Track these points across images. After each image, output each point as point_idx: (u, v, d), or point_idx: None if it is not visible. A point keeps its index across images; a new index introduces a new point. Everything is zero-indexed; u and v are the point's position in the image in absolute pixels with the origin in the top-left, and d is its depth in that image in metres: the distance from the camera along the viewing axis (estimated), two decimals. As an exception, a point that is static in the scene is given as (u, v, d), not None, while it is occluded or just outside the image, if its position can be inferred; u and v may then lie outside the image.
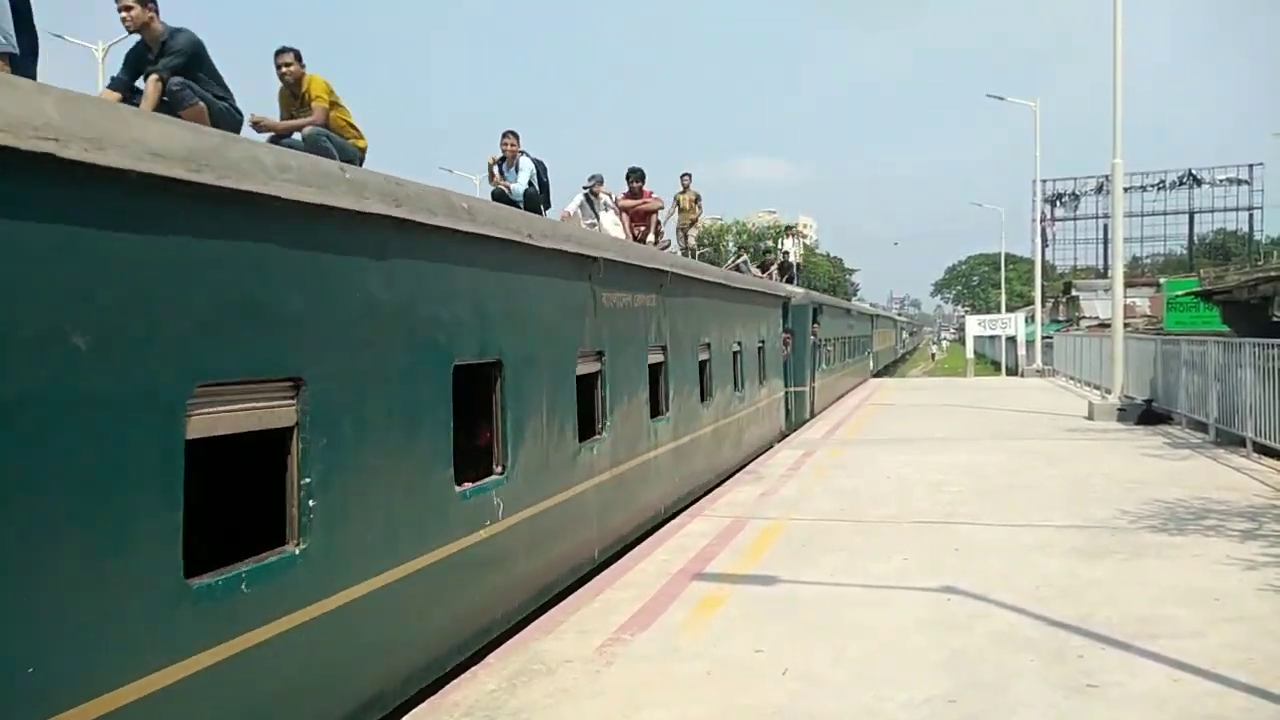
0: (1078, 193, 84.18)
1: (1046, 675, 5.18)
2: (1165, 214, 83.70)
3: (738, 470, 12.99)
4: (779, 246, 26.95)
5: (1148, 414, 17.31)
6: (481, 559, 5.83)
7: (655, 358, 9.90)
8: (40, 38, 5.62)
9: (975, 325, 52.18)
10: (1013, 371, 44.34)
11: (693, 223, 16.01)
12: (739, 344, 14.10)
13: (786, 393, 18.51)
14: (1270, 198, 80.00)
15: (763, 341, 16.15)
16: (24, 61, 5.34)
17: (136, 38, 6.25)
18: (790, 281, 22.51)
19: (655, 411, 9.86)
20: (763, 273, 21.66)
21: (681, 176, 16.03)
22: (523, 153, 10.64)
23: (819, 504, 10.25)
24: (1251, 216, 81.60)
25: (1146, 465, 12.36)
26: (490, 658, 5.70)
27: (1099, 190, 79.12)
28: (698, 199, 16.00)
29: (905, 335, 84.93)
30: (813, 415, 20.31)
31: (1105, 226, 71.77)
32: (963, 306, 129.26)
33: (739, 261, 20.74)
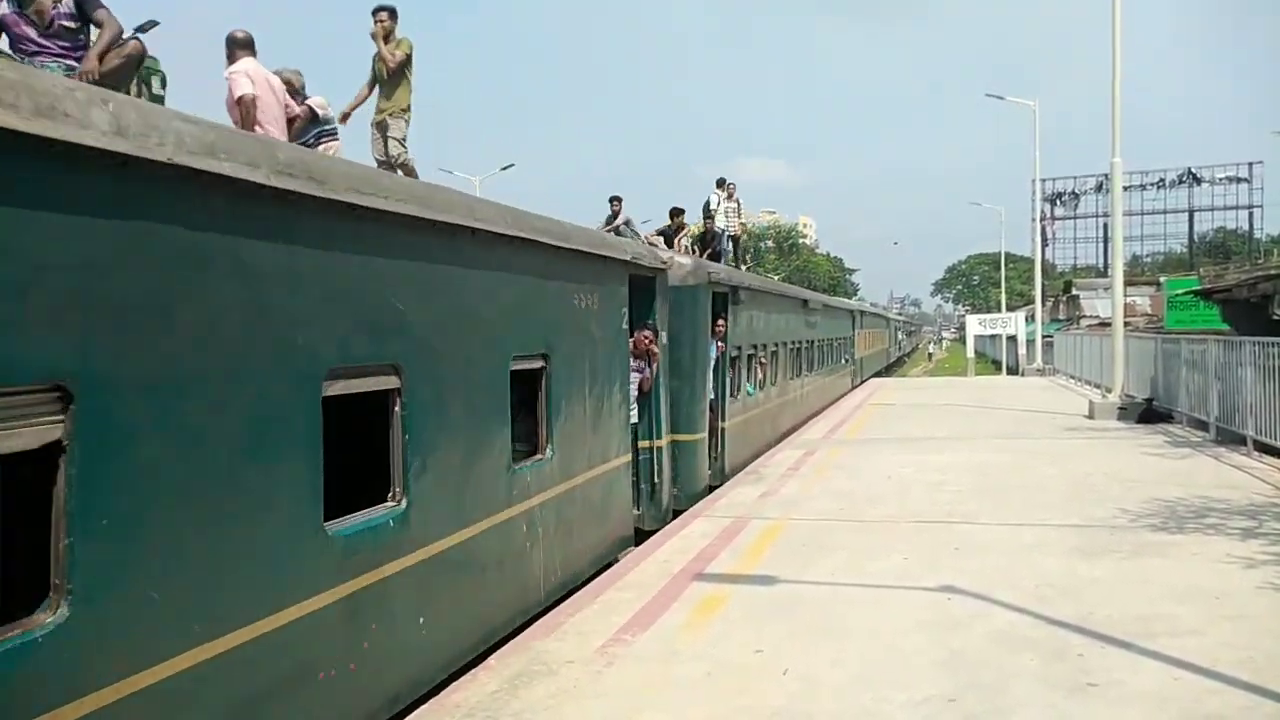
0: (1077, 192, 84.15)
1: (1046, 675, 5.19)
2: (1165, 213, 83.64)
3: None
4: (708, 210, 17.46)
5: (1148, 413, 17.31)
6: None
7: None
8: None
9: (975, 325, 52.12)
10: (1013, 371, 44.34)
11: (390, 76, 8.30)
12: (418, 372, 5.39)
13: (650, 450, 9.71)
14: (1270, 196, 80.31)
15: (543, 356, 7.12)
16: None
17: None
18: (717, 258, 14.77)
19: None
20: (669, 245, 14.03)
21: (375, 13, 8.24)
22: None
23: (819, 504, 10.25)
24: (1251, 215, 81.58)
25: (1147, 464, 12.36)
26: (491, 659, 5.71)
27: (1099, 189, 79.07)
28: (409, 56, 8.35)
29: (901, 336, 73.57)
30: (725, 477, 12.17)
31: (1105, 225, 71.66)
32: (963, 306, 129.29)
33: (619, 222, 14.42)
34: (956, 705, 4.82)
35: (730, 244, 17.20)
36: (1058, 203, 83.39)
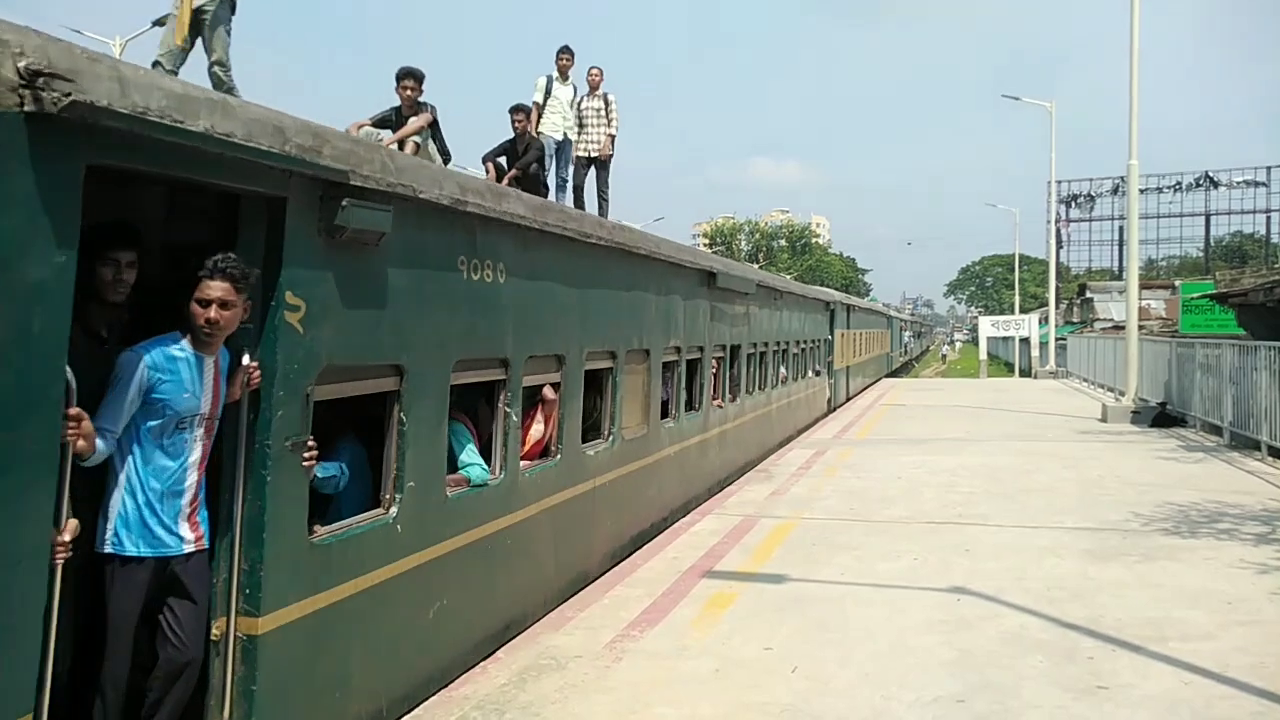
0: (1093, 194, 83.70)
1: (1056, 677, 5.17)
2: (1181, 216, 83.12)
3: None
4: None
5: (1161, 417, 17.23)
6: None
7: None
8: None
9: (989, 326, 51.89)
10: (1026, 373, 44.16)
11: None
12: None
13: None
14: (1288, 200, 78.94)
15: None
16: None
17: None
18: (532, 186, 9.16)
19: None
20: (500, 177, 9.26)
21: None
22: None
23: (829, 503, 10.23)
24: (1269, 219, 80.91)
25: (1160, 468, 12.30)
26: (500, 652, 5.72)
27: (1115, 192, 78.67)
28: None
29: (908, 338, 64.52)
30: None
31: (1121, 228, 71.36)
32: (976, 307, 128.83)
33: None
34: (965, 706, 4.81)
35: (590, 170, 10.53)
36: (1073, 205, 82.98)
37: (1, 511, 2.88)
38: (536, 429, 6.66)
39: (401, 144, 7.69)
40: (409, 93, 7.95)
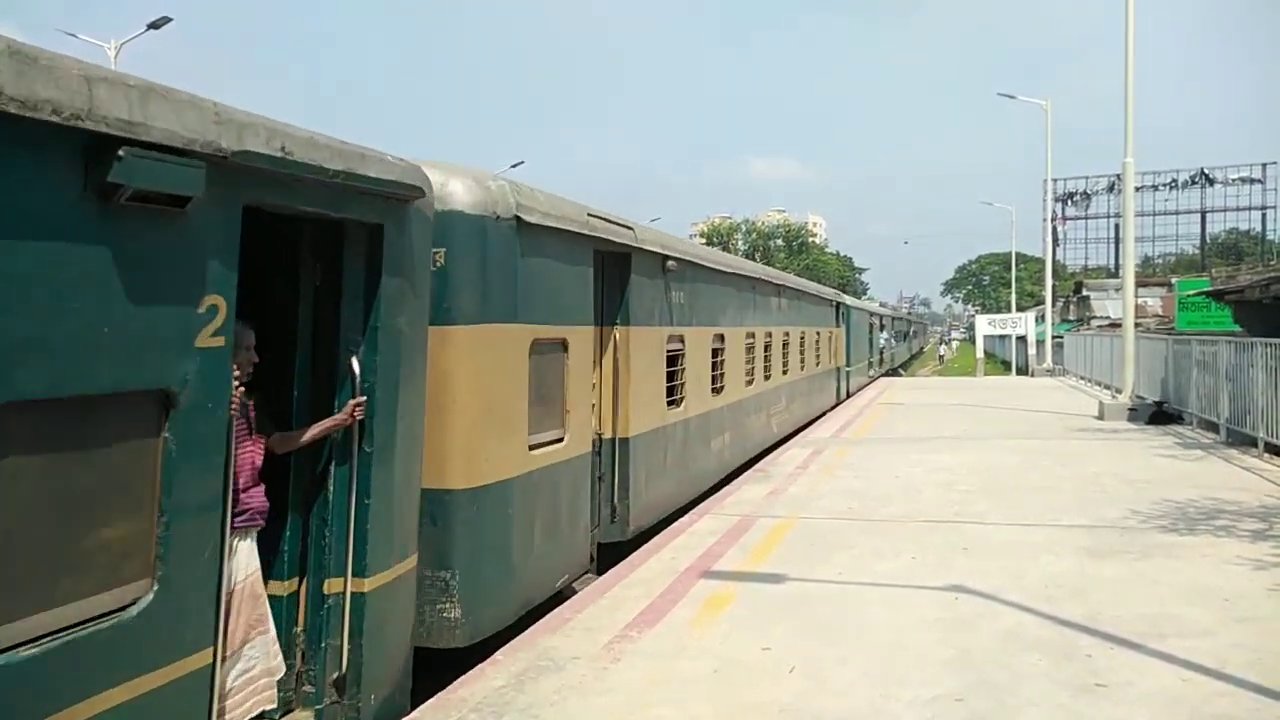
0: (1089, 192, 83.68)
1: (1055, 675, 5.17)
2: (1177, 213, 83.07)
3: None
4: None
5: (1159, 414, 17.25)
6: None
7: None
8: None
9: (985, 325, 51.94)
10: (1023, 371, 44.23)
11: None
12: None
13: None
14: (1283, 197, 79.09)
15: None
16: None
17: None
18: None
19: None
20: None
21: None
22: None
23: (827, 503, 10.23)
24: (1265, 216, 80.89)
25: (1157, 465, 12.31)
26: (498, 654, 5.71)
27: (1110, 189, 78.64)
28: None
29: (886, 339, 47.97)
30: None
31: (1117, 226, 71.41)
32: (973, 306, 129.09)
33: None
34: (964, 704, 4.81)
35: None
36: (1069, 203, 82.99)
37: None
38: None
39: None
40: None
